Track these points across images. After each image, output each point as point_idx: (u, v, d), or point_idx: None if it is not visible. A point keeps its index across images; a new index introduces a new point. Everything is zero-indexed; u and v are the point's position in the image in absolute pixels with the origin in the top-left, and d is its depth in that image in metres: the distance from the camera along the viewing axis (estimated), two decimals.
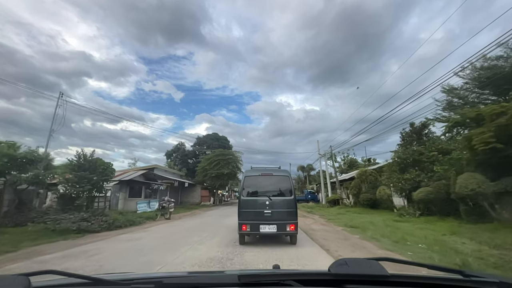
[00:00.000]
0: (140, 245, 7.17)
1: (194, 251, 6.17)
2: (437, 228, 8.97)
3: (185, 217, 16.69)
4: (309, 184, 47.20)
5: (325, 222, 12.47)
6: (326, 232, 9.38)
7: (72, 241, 7.87)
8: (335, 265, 1.02)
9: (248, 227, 6.42)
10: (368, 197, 19.27)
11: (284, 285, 0.97)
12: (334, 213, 17.11)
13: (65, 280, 1.03)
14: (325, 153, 28.38)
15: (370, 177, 20.90)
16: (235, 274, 1.03)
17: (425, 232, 8.25)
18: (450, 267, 2.08)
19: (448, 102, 13.66)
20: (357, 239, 7.80)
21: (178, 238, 8.24)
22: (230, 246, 6.66)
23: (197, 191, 34.52)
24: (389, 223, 10.85)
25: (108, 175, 15.99)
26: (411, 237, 7.39)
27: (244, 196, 6.81)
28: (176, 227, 11.41)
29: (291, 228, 6.35)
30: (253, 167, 7.85)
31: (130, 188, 21.26)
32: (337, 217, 13.93)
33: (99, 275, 1.12)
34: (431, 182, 12.60)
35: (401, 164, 14.99)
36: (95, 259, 5.51)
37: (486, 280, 0.93)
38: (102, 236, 8.65)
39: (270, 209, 6.45)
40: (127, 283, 1.01)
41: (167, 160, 41.40)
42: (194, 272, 2.09)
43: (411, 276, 0.98)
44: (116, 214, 12.21)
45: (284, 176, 7.09)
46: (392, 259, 1.16)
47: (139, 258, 5.60)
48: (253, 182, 7.01)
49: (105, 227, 9.98)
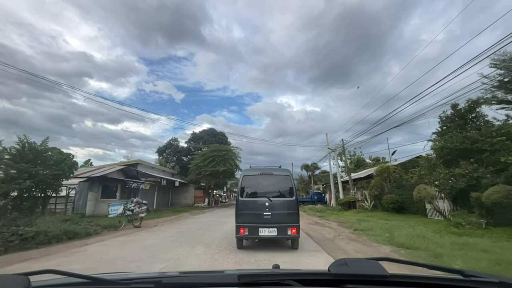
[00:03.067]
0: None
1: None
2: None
3: (166, 223, 13.07)
4: (314, 184, 43.39)
5: (352, 235, 8.81)
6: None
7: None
8: (334, 265, 1.02)
9: (246, 230, 5.99)
10: (394, 199, 15.61)
11: (284, 285, 0.96)
12: (354, 219, 13.44)
13: (65, 280, 1.02)
14: (335, 147, 24.70)
15: (394, 174, 17.24)
16: (235, 274, 1.02)
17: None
18: (450, 267, 1.74)
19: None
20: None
21: (122, 267, 4.67)
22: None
23: (190, 192, 30.89)
24: (453, 239, 7.19)
25: (64, 169, 12.48)
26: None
27: (242, 197, 6.41)
28: (138, 242, 7.78)
29: (292, 231, 5.93)
30: (252, 166, 7.35)
31: (103, 187, 17.67)
32: (363, 226, 10.27)
33: (99, 274, 1.09)
34: (499, 178, 8.95)
35: (447, 155, 11.33)
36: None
37: (486, 280, 0.92)
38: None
39: (270, 211, 6.05)
40: (127, 282, 1.02)
41: (159, 157, 37.76)
42: (194, 272, 1.85)
43: (411, 276, 0.97)
44: (58, 221, 8.61)
45: (285, 176, 6.63)
46: (392, 259, 1.16)
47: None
48: (252, 182, 6.63)
49: (16, 244, 6.38)
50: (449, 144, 11.30)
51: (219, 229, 10.18)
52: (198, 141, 39.26)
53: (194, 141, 39.86)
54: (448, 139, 11.59)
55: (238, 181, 7.46)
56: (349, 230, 9.90)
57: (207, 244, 7.06)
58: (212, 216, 17.32)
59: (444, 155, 11.46)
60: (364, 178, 21.76)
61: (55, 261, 5.44)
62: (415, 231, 9.02)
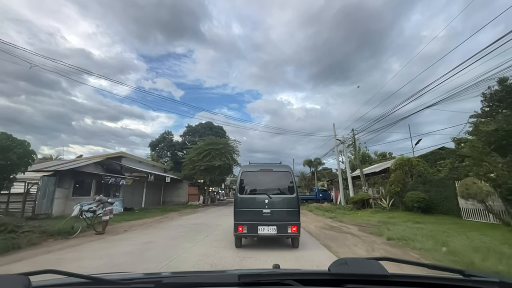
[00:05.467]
0: None
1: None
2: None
3: (142, 227, 10.52)
4: (317, 181, 40.81)
5: (391, 248, 6.19)
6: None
7: None
8: (335, 264, 1.00)
9: (245, 228, 5.73)
10: (419, 197, 13.04)
11: (284, 284, 0.95)
12: (375, 222, 10.88)
13: (65, 280, 1.01)
14: (344, 139, 22.07)
15: (417, 167, 14.64)
16: (235, 273, 1.02)
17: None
18: (451, 266, 1.60)
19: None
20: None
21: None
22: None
23: (184, 189, 28.36)
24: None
25: (12, 159, 9.90)
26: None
27: (241, 194, 6.14)
28: (68, 263, 5.21)
29: (292, 229, 5.68)
30: (252, 163, 6.91)
31: (76, 183, 15.10)
32: (396, 233, 7.68)
33: (99, 274, 1.07)
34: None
35: (502, 139, 8.74)
36: None
37: (486, 280, 0.91)
38: None
39: (270, 209, 5.82)
40: (127, 282, 1.01)
41: (151, 152, 35.14)
42: (194, 271, 1.69)
43: (411, 276, 0.96)
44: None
45: (285, 172, 6.35)
46: (392, 258, 1.15)
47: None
48: (251, 178, 6.36)
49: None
50: (505, 125, 8.69)
51: (202, 238, 7.62)
52: (194, 135, 36.65)
53: (190, 135, 37.27)
54: (503, 120, 8.97)
55: (237, 177, 6.82)
56: (381, 238, 7.32)
57: (175, 268, 4.48)
58: (203, 217, 14.75)
59: (497, 140, 8.85)
60: (379, 173, 19.18)
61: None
62: (473, 241, 6.51)
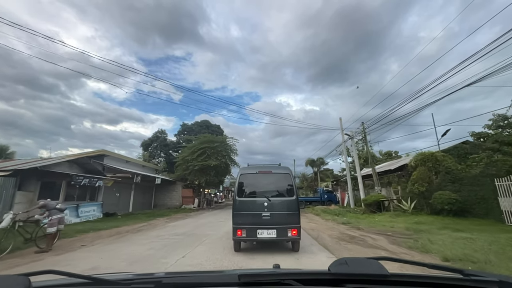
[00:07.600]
0: None
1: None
2: None
3: (109, 239, 8.30)
4: (320, 182, 38.56)
5: None
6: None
7: None
8: (335, 264, 0.99)
9: (244, 232, 5.54)
10: (451, 197, 10.89)
11: (284, 284, 0.94)
12: (401, 229, 8.71)
13: (65, 280, 1.00)
14: (352, 134, 19.92)
15: (444, 163, 12.48)
16: (235, 273, 1.01)
17: None
18: (451, 266, 1.68)
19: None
20: None
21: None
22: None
23: (178, 191, 26.10)
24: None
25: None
26: None
27: (240, 197, 5.93)
28: None
29: (293, 233, 5.49)
30: (250, 164, 6.81)
31: (44, 185, 12.86)
32: (442, 246, 5.49)
33: (99, 275, 1.06)
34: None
35: None
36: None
37: (486, 279, 0.89)
38: None
39: (269, 212, 5.63)
40: (127, 283, 1.01)
41: (144, 152, 32.88)
42: (194, 272, 1.77)
43: (411, 275, 0.95)
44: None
45: (285, 174, 6.17)
46: (392, 258, 1.15)
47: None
48: (250, 180, 6.18)
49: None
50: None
51: (175, 262, 5.41)
52: (190, 134, 34.48)
53: (185, 134, 35.09)
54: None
55: (235, 179, 6.58)
56: (430, 258, 5.12)
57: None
58: (192, 223, 12.49)
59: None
60: (394, 171, 17.01)
61: None
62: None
